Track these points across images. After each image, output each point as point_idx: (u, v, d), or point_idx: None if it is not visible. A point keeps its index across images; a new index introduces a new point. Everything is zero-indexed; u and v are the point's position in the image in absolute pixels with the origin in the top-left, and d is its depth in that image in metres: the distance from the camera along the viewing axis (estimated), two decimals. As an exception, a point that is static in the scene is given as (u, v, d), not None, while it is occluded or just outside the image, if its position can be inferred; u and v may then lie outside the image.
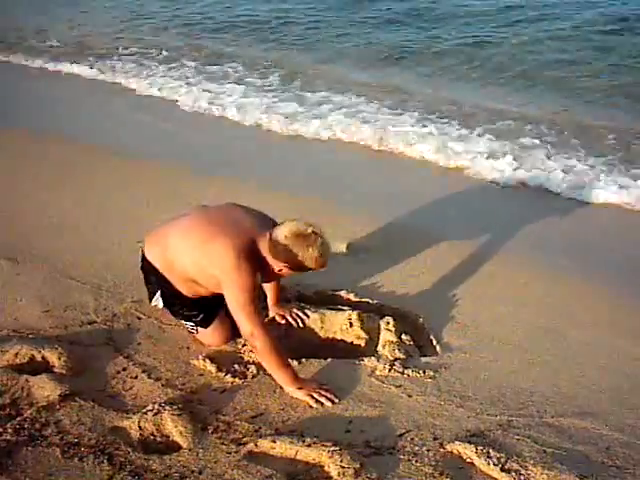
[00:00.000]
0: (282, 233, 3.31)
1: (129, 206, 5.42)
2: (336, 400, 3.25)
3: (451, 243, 5.01)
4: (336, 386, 3.36)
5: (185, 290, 3.60)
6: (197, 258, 3.43)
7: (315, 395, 3.25)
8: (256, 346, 3.31)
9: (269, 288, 3.89)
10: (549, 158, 6.72)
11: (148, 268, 3.71)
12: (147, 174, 6.12)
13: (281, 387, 3.32)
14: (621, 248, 5.16)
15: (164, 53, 10.87)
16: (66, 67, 10.32)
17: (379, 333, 3.79)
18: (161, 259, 3.62)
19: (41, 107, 8.33)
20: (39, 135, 7.07)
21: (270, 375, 3.36)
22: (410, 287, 4.43)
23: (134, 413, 3.04)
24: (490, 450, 2.87)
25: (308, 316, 3.89)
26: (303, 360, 3.57)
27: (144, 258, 3.74)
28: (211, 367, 3.43)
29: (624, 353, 3.82)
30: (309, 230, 3.31)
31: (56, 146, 6.81)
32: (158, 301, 3.73)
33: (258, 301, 3.40)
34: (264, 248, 3.37)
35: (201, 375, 3.41)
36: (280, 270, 3.42)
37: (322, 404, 3.22)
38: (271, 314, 3.88)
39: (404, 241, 5.01)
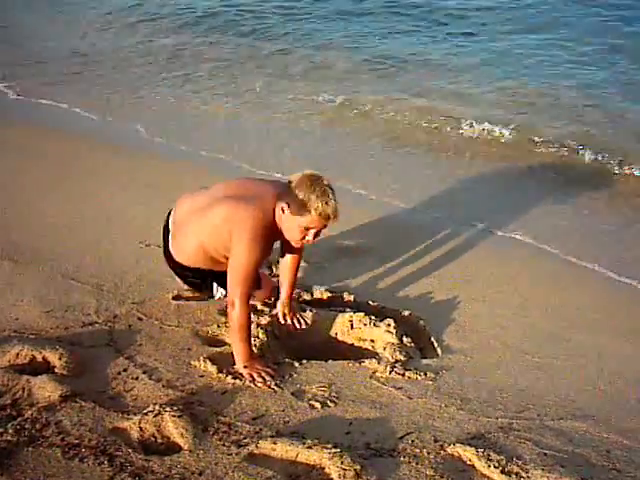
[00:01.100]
0: (294, 175, 3.48)
1: (131, 206, 5.43)
2: (269, 382, 3.34)
3: (452, 245, 5.01)
4: (336, 388, 3.36)
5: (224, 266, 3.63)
6: (220, 227, 3.52)
7: (254, 375, 3.37)
8: (231, 314, 3.44)
9: (284, 284, 3.91)
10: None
11: (185, 269, 3.82)
12: (149, 173, 6.14)
13: (281, 388, 3.33)
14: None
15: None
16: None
17: (380, 335, 3.79)
18: (192, 251, 3.72)
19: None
20: (39, 133, 7.11)
21: None
22: (411, 289, 4.43)
23: (135, 414, 3.04)
24: (491, 453, 2.87)
25: (308, 323, 3.89)
26: (304, 361, 3.58)
27: (175, 262, 3.83)
28: (212, 368, 3.43)
29: (625, 356, 3.83)
30: (316, 173, 3.44)
31: (56, 144, 6.83)
32: (219, 292, 3.83)
33: (255, 276, 3.49)
34: (277, 208, 3.48)
35: (202, 376, 3.41)
36: (290, 227, 3.46)
37: (256, 384, 3.34)
38: (278, 310, 3.88)
39: (405, 243, 5.02)
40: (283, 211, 3.46)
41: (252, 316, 3.60)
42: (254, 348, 3.57)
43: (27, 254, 4.53)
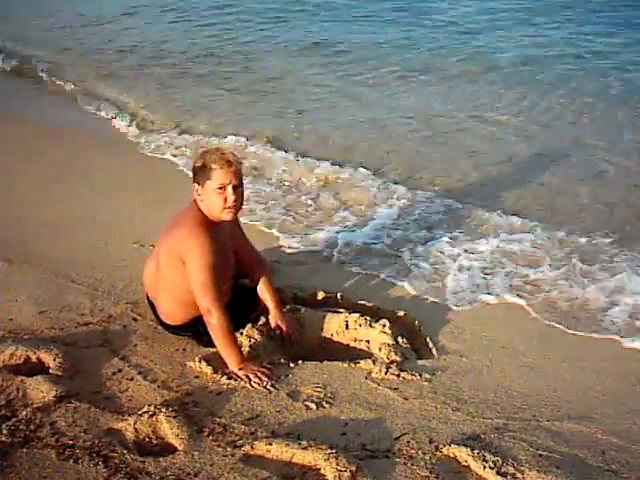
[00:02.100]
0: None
1: (126, 207, 5.42)
2: (265, 381, 3.35)
3: (448, 245, 5.01)
4: (332, 389, 3.36)
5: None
6: (175, 263, 3.47)
7: (251, 376, 3.37)
8: (211, 323, 3.43)
9: (267, 299, 3.84)
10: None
11: (180, 328, 3.74)
12: (144, 173, 6.13)
13: (276, 389, 3.33)
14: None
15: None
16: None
17: (375, 336, 3.79)
18: (174, 310, 3.66)
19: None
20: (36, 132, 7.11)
21: None
22: (406, 290, 4.44)
23: (130, 415, 3.03)
24: (486, 454, 2.87)
25: (301, 335, 3.85)
26: (299, 362, 3.58)
27: (168, 325, 3.76)
28: (207, 369, 3.43)
29: (620, 357, 3.83)
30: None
31: (52, 144, 6.82)
32: None
33: (218, 280, 3.44)
34: (197, 203, 3.51)
35: (197, 377, 3.40)
36: (208, 199, 3.46)
37: (252, 385, 3.34)
38: (272, 321, 3.80)
39: (400, 244, 5.02)
40: (198, 192, 3.48)
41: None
42: (249, 349, 3.57)
43: (21, 254, 4.52)
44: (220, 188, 3.42)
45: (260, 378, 3.37)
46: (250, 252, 3.92)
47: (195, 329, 3.63)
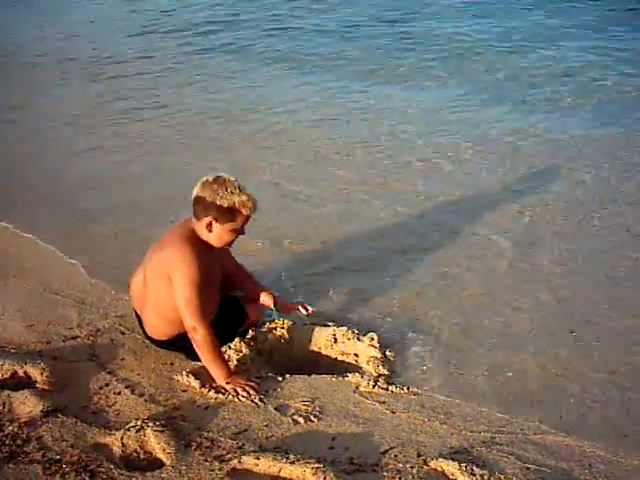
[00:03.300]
0: (196, 190, 3.42)
1: (114, 219, 5.42)
2: (253, 395, 3.35)
3: (437, 260, 5.03)
4: (320, 402, 3.36)
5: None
6: (162, 281, 3.45)
7: (238, 389, 3.36)
8: (196, 339, 3.41)
9: (252, 288, 3.89)
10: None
11: (169, 343, 3.70)
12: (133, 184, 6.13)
13: (264, 403, 3.32)
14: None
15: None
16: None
17: (363, 349, 3.79)
18: (162, 326, 3.63)
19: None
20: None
21: None
22: (394, 304, 4.45)
23: (117, 429, 3.02)
24: (474, 467, 2.87)
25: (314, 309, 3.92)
26: (287, 375, 3.57)
27: (157, 341, 3.73)
28: (195, 383, 3.42)
29: (606, 369, 3.84)
30: (213, 175, 3.42)
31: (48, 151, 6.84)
32: None
33: (203, 296, 3.41)
34: (199, 229, 3.47)
35: (184, 391, 3.40)
36: (221, 234, 3.45)
37: (240, 399, 3.33)
38: (271, 304, 3.83)
39: (390, 256, 5.03)
40: (211, 226, 3.43)
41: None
42: (238, 362, 3.57)
43: (9, 267, 4.50)
44: (238, 229, 3.47)
45: (248, 392, 3.37)
46: (237, 266, 3.92)
47: (181, 344, 3.61)
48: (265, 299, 3.86)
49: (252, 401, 3.33)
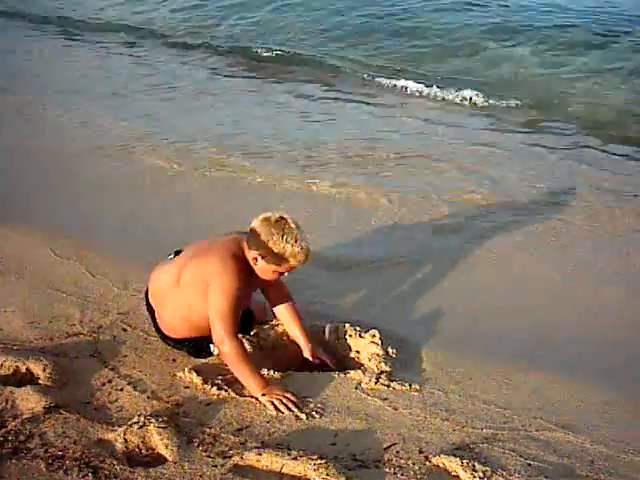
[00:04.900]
0: (255, 222, 3.42)
1: (117, 217, 5.42)
2: (294, 410, 3.25)
3: (437, 259, 5.03)
4: (322, 399, 3.36)
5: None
6: (198, 286, 3.44)
7: (276, 402, 3.28)
8: (224, 352, 3.37)
9: (296, 334, 3.75)
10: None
11: (178, 342, 3.69)
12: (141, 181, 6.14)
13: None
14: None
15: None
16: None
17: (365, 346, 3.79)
18: (179, 325, 3.62)
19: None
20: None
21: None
22: (395, 302, 4.45)
23: (119, 426, 3.02)
24: (475, 463, 2.87)
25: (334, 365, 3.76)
26: (289, 372, 3.58)
27: (167, 337, 3.71)
28: (197, 379, 3.42)
29: (608, 368, 3.85)
30: (277, 215, 3.40)
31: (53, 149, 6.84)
32: (216, 349, 3.60)
33: (238, 312, 3.40)
34: (247, 253, 3.46)
35: (187, 387, 3.40)
36: (265, 270, 3.44)
37: (281, 411, 3.24)
38: (307, 354, 3.72)
39: (389, 257, 5.04)
40: (256, 260, 3.42)
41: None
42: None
43: (11, 264, 4.50)
44: (281, 273, 3.47)
45: (286, 405, 3.27)
46: (279, 288, 3.80)
47: (191, 345, 3.62)
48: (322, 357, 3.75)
49: (295, 416, 3.24)
